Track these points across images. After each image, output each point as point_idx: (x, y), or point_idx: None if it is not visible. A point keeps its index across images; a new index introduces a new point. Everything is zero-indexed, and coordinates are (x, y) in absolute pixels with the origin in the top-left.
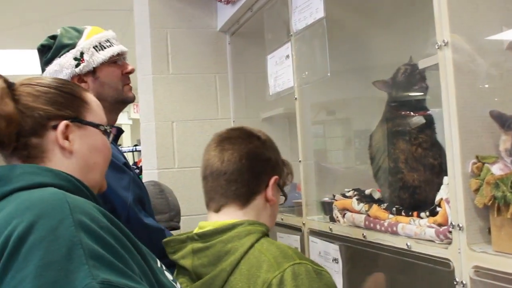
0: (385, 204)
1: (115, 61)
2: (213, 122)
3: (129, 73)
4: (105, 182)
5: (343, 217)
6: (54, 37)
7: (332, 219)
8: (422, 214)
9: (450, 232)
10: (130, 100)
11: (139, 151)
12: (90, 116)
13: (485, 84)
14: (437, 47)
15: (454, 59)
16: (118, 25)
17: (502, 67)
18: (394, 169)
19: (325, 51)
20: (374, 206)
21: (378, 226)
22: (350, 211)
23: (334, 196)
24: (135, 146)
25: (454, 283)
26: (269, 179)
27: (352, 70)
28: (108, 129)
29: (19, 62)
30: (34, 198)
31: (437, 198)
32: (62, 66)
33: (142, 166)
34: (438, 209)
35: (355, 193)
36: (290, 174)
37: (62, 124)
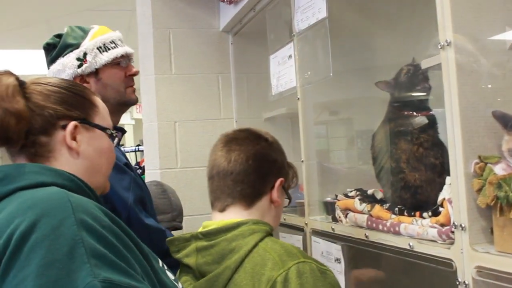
0: (387, 204)
1: (119, 62)
2: (215, 122)
3: (132, 75)
4: (108, 184)
5: (346, 217)
6: (60, 36)
7: (334, 219)
8: (425, 214)
9: (453, 232)
10: (132, 102)
11: (142, 151)
12: (98, 119)
13: (488, 84)
14: (439, 47)
15: (456, 59)
16: (121, 25)
17: (505, 67)
18: (396, 169)
19: (327, 51)
20: (377, 206)
21: (380, 226)
22: (353, 211)
23: (336, 196)
24: (138, 146)
25: (457, 283)
26: (275, 181)
27: (354, 70)
28: (114, 133)
29: (22, 62)
30: (36, 197)
31: (439, 198)
32: (64, 66)
33: (144, 166)
34: (440, 209)
35: (358, 193)
36: (295, 177)
37: (71, 124)
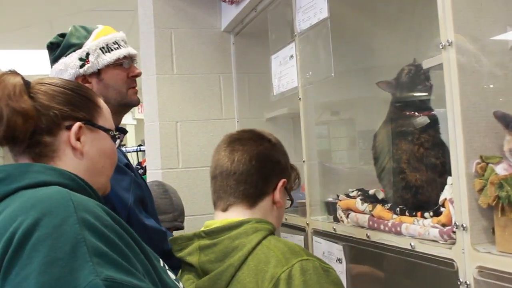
0: (388, 204)
1: (121, 63)
2: (217, 122)
3: (135, 76)
4: (109, 185)
5: (347, 217)
6: (63, 35)
7: (336, 219)
8: (426, 214)
9: (454, 232)
10: (134, 103)
11: (143, 151)
12: (101, 120)
13: (489, 84)
14: (441, 47)
15: (458, 59)
16: (122, 25)
17: (507, 67)
18: (397, 169)
19: (329, 51)
20: (378, 206)
21: (382, 226)
22: (354, 211)
23: (338, 196)
24: (140, 146)
25: (458, 283)
26: (277, 182)
27: (356, 70)
28: (117, 135)
29: (24, 63)
30: (39, 196)
31: (441, 198)
32: (67, 66)
33: (146, 166)
34: (442, 209)
35: (359, 193)
36: (297, 179)
37: (76, 125)
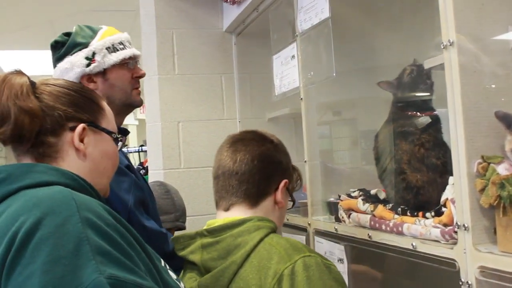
0: (390, 204)
1: (127, 64)
2: (218, 122)
3: (139, 77)
4: (109, 188)
5: (349, 217)
6: (69, 34)
7: (337, 219)
8: (428, 214)
9: (456, 232)
10: (137, 104)
11: (145, 152)
12: (105, 122)
13: (491, 84)
14: (442, 47)
15: (459, 59)
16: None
17: (508, 67)
18: (398, 170)
19: (330, 51)
20: (380, 207)
21: (383, 226)
22: (356, 211)
23: (339, 196)
24: (141, 146)
25: (460, 284)
26: (279, 182)
27: (357, 70)
28: (119, 137)
29: (26, 63)
30: (41, 195)
31: (442, 198)
32: (73, 64)
33: (148, 166)
34: (443, 209)
35: (361, 193)
36: (299, 180)
37: (80, 126)
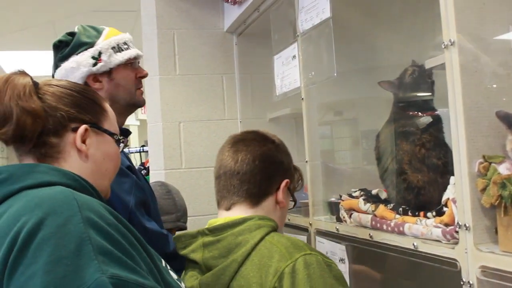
0: (391, 204)
1: (131, 64)
2: (220, 122)
3: (142, 77)
4: (109, 190)
5: (350, 217)
6: (72, 34)
7: (338, 219)
8: (429, 214)
9: (457, 232)
10: (141, 104)
11: (147, 152)
12: (107, 124)
13: (492, 83)
14: (443, 47)
15: (460, 59)
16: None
17: (510, 67)
18: (399, 170)
19: (331, 51)
20: (381, 206)
21: (384, 226)
22: (357, 211)
23: (340, 196)
24: (143, 146)
25: (461, 283)
26: (280, 182)
27: (358, 70)
28: (121, 139)
29: (27, 64)
30: (42, 195)
31: (443, 198)
32: (79, 64)
33: (149, 166)
34: (444, 209)
35: (362, 193)
36: (301, 180)
37: (82, 127)
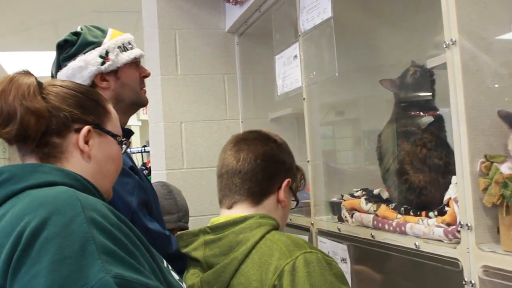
0: (393, 204)
1: (136, 63)
2: (221, 122)
3: (145, 76)
4: (112, 192)
5: (352, 217)
6: (77, 33)
7: (340, 219)
8: (431, 214)
9: (459, 231)
10: (145, 103)
11: (148, 152)
12: (110, 125)
13: (494, 83)
14: (445, 46)
15: (462, 58)
16: (126, 26)
17: (511, 66)
18: (400, 170)
19: (333, 51)
20: (383, 206)
21: (386, 226)
22: (359, 211)
23: (342, 196)
24: (144, 147)
25: (463, 283)
26: (282, 181)
27: (360, 70)
28: (124, 141)
29: (29, 64)
30: (45, 195)
31: (445, 198)
32: (87, 63)
33: (151, 167)
34: (446, 208)
35: (364, 193)
36: (303, 180)
37: (85, 128)
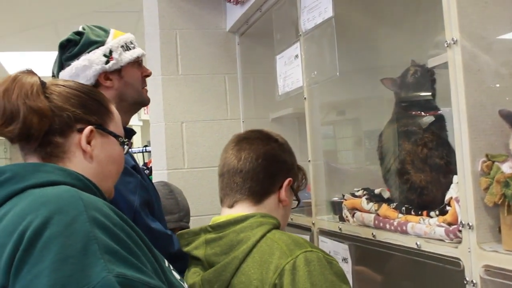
0: (394, 203)
1: (138, 62)
2: (222, 122)
3: (147, 76)
4: (113, 191)
5: (353, 216)
6: (80, 33)
7: (341, 219)
8: (432, 213)
9: (460, 231)
10: (147, 102)
11: (149, 152)
12: (112, 126)
13: (495, 82)
14: (446, 46)
15: (463, 58)
16: (127, 26)
17: None
18: (401, 170)
19: (334, 51)
20: (384, 206)
21: (387, 226)
22: (360, 211)
23: (343, 195)
24: (145, 147)
25: (464, 282)
26: (283, 181)
27: (361, 69)
28: (126, 141)
29: (30, 64)
30: (48, 194)
31: (446, 197)
32: (91, 62)
33: (152, 167)
34: (447, 208)
35: (365, 192)
36: (304, 179)
37: (88, 128)
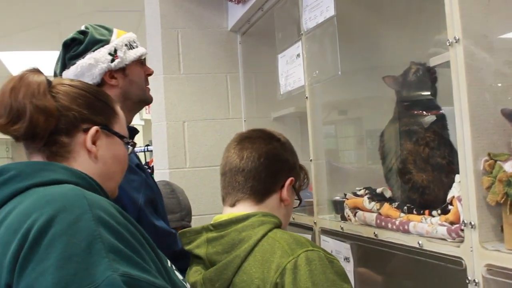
0: (396, 202)
1: (141, 61)
2: (224, 121)
3: (149, 75)
4: (116, 191)
5: (355, 216)
6: (84, 32)
7: (343, 218)
8: (434, 212)
9: (462, 230)
10: (150, 100)
11: (151, 151)
12: (117, 127)
13: (497, 81)
14: (448, 44)
15: (465, 57)
16: (129, 26)
17: None
18: (403, 169)
19: (335, 50)
20: (386, 205)
21: (389, 225)
22: (362, 210)
23: (345, 195)
24: (147, 146)
25: (467, 282)
26: (285, 180)
27: (363, 69)
28: (131, 142)
29: (32, 64)
30: (52, 193)
31: (449, 196)
32: (97, 61)
33: (153, 166)
34: (450, 207)
35: (367, 191)
36: (306, 179)
37: (93, 129)
